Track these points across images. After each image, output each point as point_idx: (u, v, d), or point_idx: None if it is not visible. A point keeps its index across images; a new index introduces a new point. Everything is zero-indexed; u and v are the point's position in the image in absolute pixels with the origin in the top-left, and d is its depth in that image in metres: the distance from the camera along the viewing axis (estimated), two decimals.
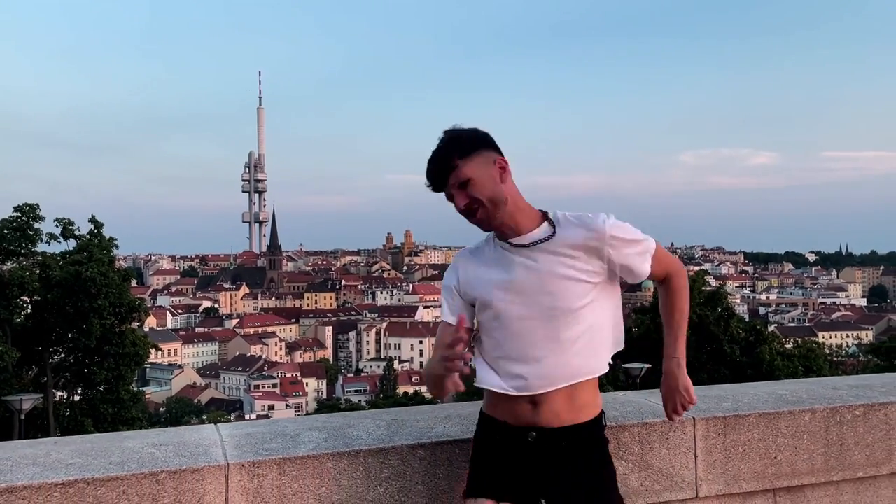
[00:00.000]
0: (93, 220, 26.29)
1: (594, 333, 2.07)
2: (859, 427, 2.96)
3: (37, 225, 25.33)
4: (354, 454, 2.36)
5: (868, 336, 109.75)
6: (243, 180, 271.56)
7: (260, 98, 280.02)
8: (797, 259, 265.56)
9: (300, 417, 2.86)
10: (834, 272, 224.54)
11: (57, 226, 25.69)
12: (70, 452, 2.36)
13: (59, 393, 25.58)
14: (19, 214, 25.07)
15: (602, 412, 2.16)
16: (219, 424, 2.72)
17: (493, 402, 2.17)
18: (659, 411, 2.79)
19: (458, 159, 2.00)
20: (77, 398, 25.25)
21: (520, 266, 2.05)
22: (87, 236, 25.97)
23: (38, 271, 24.75)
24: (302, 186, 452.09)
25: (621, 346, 2.17)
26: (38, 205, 25.26)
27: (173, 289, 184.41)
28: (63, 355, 25.42)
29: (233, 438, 2.49)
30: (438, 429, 2.57)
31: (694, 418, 2.74)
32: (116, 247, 26.61)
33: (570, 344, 2.03)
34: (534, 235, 2.05)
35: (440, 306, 2.24)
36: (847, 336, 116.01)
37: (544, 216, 2.10)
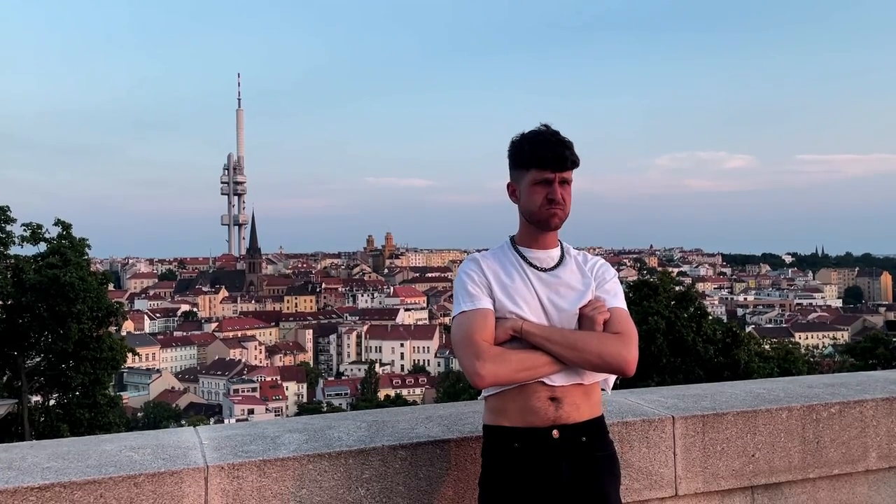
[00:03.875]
0: (59, 222, 25.89)
1: None
2: (835, 425, 3.01)
3: (8, 227, 24.92)
4: (335, 455, 2.35)
5: (844, 336, 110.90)
6: (222, 182, 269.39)
7: (239, 100, 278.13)
8: (774, 261, 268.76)
9: (280, 419, 2.84)
10: (810, 274, 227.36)
11: (25, 230, 25.27)
12: (46, 456, 2.33)
13: (35, 398, 25.19)
14: None
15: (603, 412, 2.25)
16: (198, 427, 2.69)
17: (503, 409, 2.13)
18: (639, 410, 2.82)
19: (574, 165, 2.19)
20: (53, 403, 24.86)
21: (549, 287, 2.18)
22: (57, 239, 25.58)
23: (10, 274, 24.35)
24: (282, 189, 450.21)
25: None
26: (8, 207, 24.83)
27: (151, 292, 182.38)
28: (38, 359, 25.02)
29: (212, 441, 2.47)
30: (419, 429, 2.57)
31: (673, 417, 2.76)
32: (89, 247, 26.24)
33: None
34: (552, 255, 2.24)
35: (463, 292, 2.16)
36: (823, 336, 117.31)
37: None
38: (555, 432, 2.07)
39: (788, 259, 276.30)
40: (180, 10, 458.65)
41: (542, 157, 2.13)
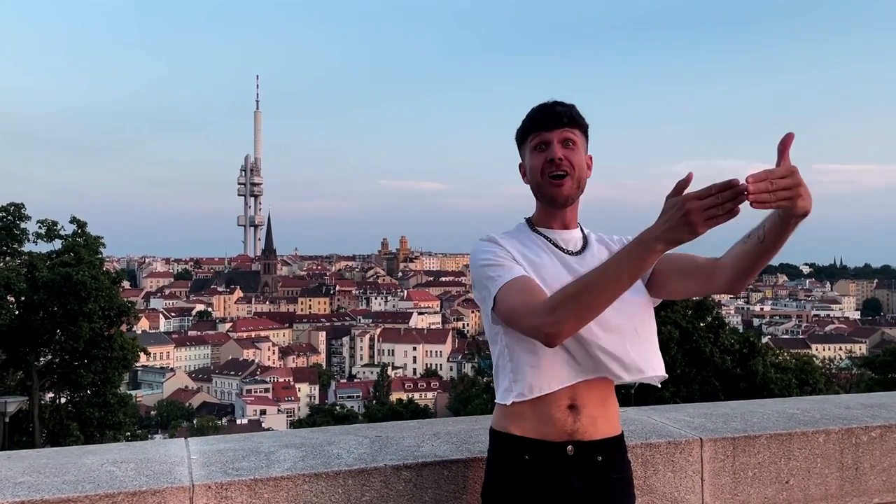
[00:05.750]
0: (74, 220, 26.05)
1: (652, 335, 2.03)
2: (876, 450, 2.79)
3: (23, 224, 25.11)
4: (333, 475, 2.16)
5: (861, 349, 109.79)
6: (239, 183, 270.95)
7: (257, 102, 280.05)
8: (791, 271, 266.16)
9: (277, 432, 2.66)
10: (828, 284, 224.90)
11: (40, 227, 25.43)
12: (22, 469, 2.16)
13: (49, 394, 25.29)
14: (5, 214, 24.81)
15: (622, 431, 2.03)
16: (189, 439, 2.52)
17: (518, 415, 1.93)
18: (664, 431, 2.61)
19: (578, 123, 2.00)
20: (63, 401, 24.93)
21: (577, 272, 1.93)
22: (71, 237, 25.71)
23: (24, 271, 24.46)
24: (297, 191, 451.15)
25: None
26: (23, 204, 25.04)
27: (167, 291, 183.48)
28: (49, 357, 25.12)
29: (201, 455, 2.29)
30: (426, 447, 2.38)
31: (701, 439, 2.56)
32: (103, 245, 26.34)
33: (644, 336, 1.98)
34: (576, 237, 2.04)
35: (492, 266, 1.89)
36: (840, 349, 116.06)
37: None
38: (569, 448, 1.88)
39: (806, 270, 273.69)
40: (199, 11, 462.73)
41: (534, 119, 1.98)
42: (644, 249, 1.61)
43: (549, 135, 1.94)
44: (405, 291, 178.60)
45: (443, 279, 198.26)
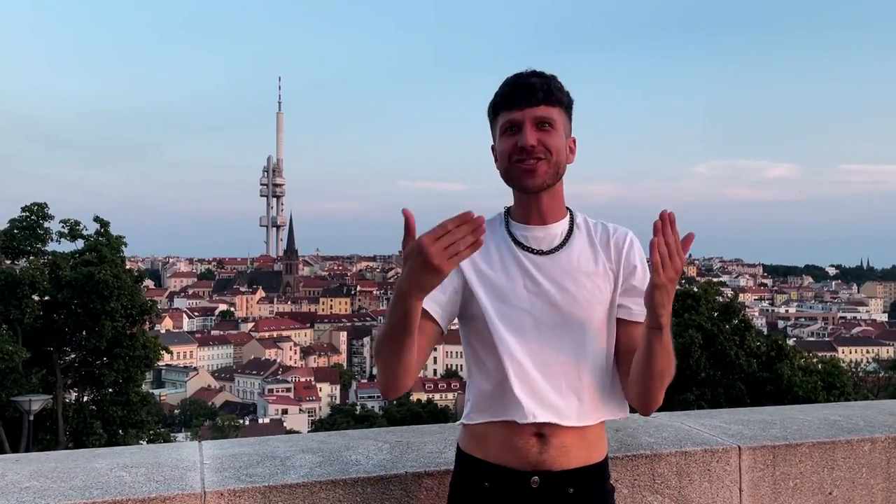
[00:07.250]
0: (97, 219, 26.27)
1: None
2: None
3: (46, 224, 25.34)
4: (351, 483, 2.06)
5: (889, 352, 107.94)
6: (261, 184, 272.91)
7: (279, 103, 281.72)
8: (817, 272, 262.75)
9: (294, 437, 2.56)
10: (854, 286, 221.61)
11: (63, 227, 25.65)
12: (29, 473, 2.08)
13: (74, 392, 25.50)
14: (28, 214, 25.06)
15: (607, 453, 1.78)
16: (203, 443, 2.43)
17: (481, 437, 1.70)
18: (699, 438, 2.48)
19: (557, 100, 1.67)
20: (86, 400, 25.11)
21: (547, 276, 1.69)
22: (95, 236, 25.94)
23: (47, 271, 24.68)
24: (319, 192, 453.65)
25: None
26: (46, 204, 25.23)
27: (190, 291, 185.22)
28: (72, 356, 25.33)
29: (214, 461, 2.20)
30: (448, 454, 2.26)
31: (739, 447, 2.43)
32: (125, 245, 26.52)
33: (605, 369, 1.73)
34: (554, 233, 1.73)
35: None
36: (867, 352, 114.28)
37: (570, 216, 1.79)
38: (534, 479, 1.63)
39: (832, 271, 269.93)
40: (222, 12, 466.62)
41: (505, 95, 1.66)
42: (401, 301, 1.50)
43: (520, 114, 1.63)
44: None
45: None
